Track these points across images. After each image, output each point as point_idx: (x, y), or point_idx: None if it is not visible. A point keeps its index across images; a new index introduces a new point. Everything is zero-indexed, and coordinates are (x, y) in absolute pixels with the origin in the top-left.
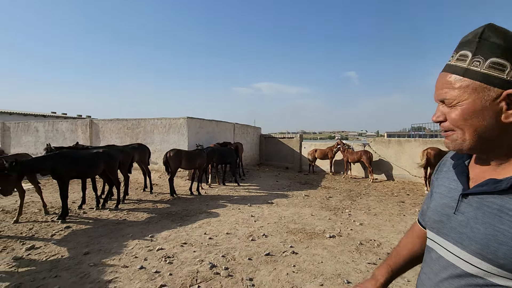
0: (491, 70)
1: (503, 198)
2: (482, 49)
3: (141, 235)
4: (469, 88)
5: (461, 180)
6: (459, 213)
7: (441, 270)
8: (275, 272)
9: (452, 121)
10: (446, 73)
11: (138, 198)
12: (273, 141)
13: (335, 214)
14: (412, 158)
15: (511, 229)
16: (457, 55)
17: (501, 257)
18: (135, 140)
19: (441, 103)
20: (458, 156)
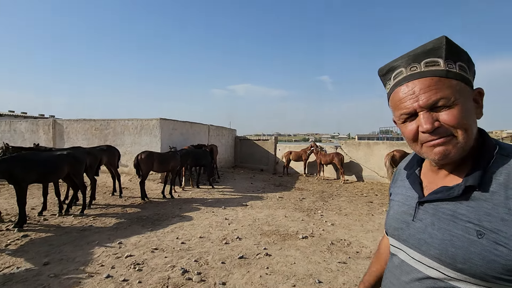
0: (462, 71)
1: (456, 204)
2: (449, 54)
3: (109, 242)
4: (457, 88)
5: (416, 189)
6: (417, 220)
7: (403, 274)
8: (248, 275)
9: (453, 121)
10: (421, 79)
11: (106, 203)
12: (248, 143)
13: (308, 215)
14: (380, 160)
15: (465, 233)
16: (422, 63)
17: (459, 261)
18: (103, 141)
19: (427, 110)
20: (409, 166)
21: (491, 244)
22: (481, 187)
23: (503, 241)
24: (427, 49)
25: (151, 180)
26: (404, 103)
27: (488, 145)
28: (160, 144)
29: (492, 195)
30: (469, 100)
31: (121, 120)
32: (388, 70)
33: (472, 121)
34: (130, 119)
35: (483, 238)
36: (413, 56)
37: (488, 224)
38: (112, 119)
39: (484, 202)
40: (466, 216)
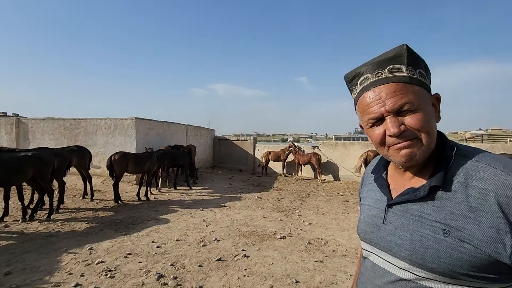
0: (421, 78)
1: (422, 204)
2: (410, 62)
3: (78, 248)
4: (419, 93)
5: (384, 192)
6: (387, 222)
7: (376, 278)
8: (226, 278)
9: (417, 125)
10: (387, 84)
11: (76, 207)
12: (227, 143)
13: (286, 215)
14: (356, 160)
15: (432, 233)
16: (386, 69)
17: (428, 261)
18: (73, 142)
19: (393, 115)
20: (376, 170)
21: (456, 242)
22: (444, 187)
23: (467, 238)
24: (390, 56)
25: (125, 182)
26: (372, 107)
27: (447, 147)
28: (135, 144)
29: (454, 194)
30: (429, 105)
31: (93, 119)
32: (354, 76)
33: (433, 124)
34: (102, 118)
35: (449, 236)
36: (377, 63)
37: (453, 222)
38: (83, 118)
39: (447, 201)
40: (432, 215)
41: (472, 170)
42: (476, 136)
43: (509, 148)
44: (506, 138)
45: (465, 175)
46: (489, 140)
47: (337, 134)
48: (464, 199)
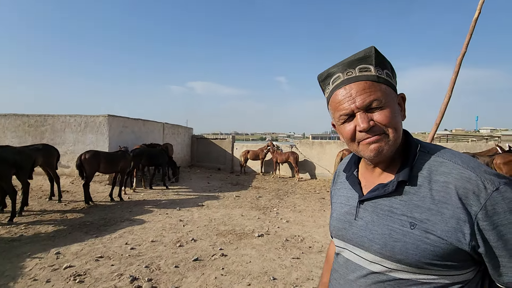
0: (388, 78)
1: (391, 199)
2: (378, 62)
3: (44, 253)
4: (386, 91)
5: (356, 189)
6: (359, 218)
7: (348, 273)
8: (203, 278)
9: (384, 121)
10: (357, 82)
11: (42, 209)
12: (205, 142)
13: (264, 213)
14: (332, 158)
15: (400, 226)
16: (356, 69)
17: (397, 253)
18: (39, 140)
19: (363, 111)
20: (347, 168)
21: (422, 234)
22: (410, 181)
23: (431, 229)
24: (360, 57)
25: (97, 182)
26: (343, 104)
27: (412, 144)
28: (108, 143)
29: (419, 188)
30: (395, 103)
31: (61, 116)
32: (327, 76)
33: (399, 121)
34: (72, 115)
35: (415, 228)
36: (348, 63)
37: (418, 215)
38: (50, 115)
39: (413, 195)
40: (400, 209)
41: (435, 165)
42: (442, 136)
43: (470, 147)
44: (468, 138)
45: (428, 170)
46: (453, 139)
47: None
48: (428, 193)
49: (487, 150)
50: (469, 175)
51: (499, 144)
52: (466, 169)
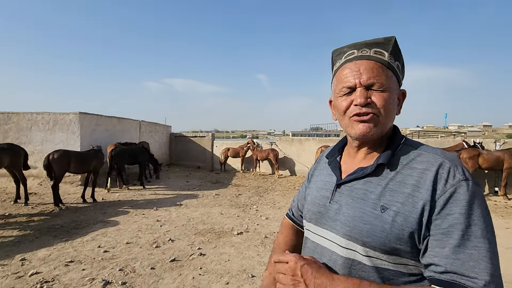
0: (397, 69)
1: (367, 183)
2: (393, 52)
3: (7, 259)
4: (392, 79)
5: (336, 173)
6: (334, 202)
7: (319, 258)
8: (180, 278)
9: (381, 103)
10: (370, 61)
11: (6, 213)
12: (184, 140)
13: (244, 211)
14: (311, 155)
15: (372, 209)
16: (371, 50)
17: (365, 235)
18: (2, 139)
19: (364, 88)
20: (331, 154)
21: (391, 217)
22: (389, 166)
23: (401, 212)
24: (379, 41)
25: (68, 182)
26: (348, 77)
27: (398, 136)
28: (80, 142)
29: (397, 173)
30: (396, 94)
31: (27, 113)
32: (341, 52)
33: (394, 110)
34: (39, 113)
35: (385, 211)
36: (365, 44)
37: (391, 198)
38: (14, 112)
39: (390, 180)
40: (375, 193)
41: (415, 155)
42: (414, 132)
43: (439, 143)
44: (438, 134)
45: (408, 159)
46: (424, 136)
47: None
48: (404, 178)
49: (454, 145)
50: (444, 162)
51: (465, 139)
52: (441, 157)
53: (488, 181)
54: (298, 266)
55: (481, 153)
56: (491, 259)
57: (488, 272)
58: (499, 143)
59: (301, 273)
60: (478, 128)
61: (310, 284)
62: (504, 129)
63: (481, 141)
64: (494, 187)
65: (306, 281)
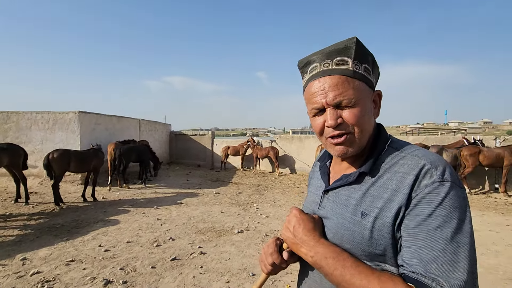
0: (366, 73)
1: (350, 189)
2: (357, 55)
3: (8, 259)
4: (360, 88)
5: (324, 179)
6: (321, 207)
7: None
8: (181, 277)
9: (352, 119)
10: (332, 76)
11: (7, 212)
12: (184, 138)
13: (244, 209)
14: (311, 153)
15: (352, 215)
16: (334, 61)
17: (345, 241)
18: (2, 139)
19: (333, 107)
20: (322, 158)
21: (370, 223)
22: (370, 173)
23: (379, 217)
24: (340, 48)
25: (68, 182)
26: (315, 98)
27: (382, 139)
28: (80, 141)
29: (378, 179)
30: (368, 101)
31: (27, 113)
32: (306, 64)
33: (367, 120)
34: (39, 112)
35: (365, 218)
36: (327, 53)
37: (371, 204)
38: (14, 112)
39: (371, 186)
40: (356, 199)
41: (397, 159)
42: (414, 130)
43: (439, 140)
44: (438, 131)
45: (390, 163)
46: (424, 133)
47: (294, 128)
48: (385, 182)
49: (455, 142)
50: (423, 164)
51: (466, 136)
52: (423, 159)
53: (488, 178)
54: (294, 218)
55: (482, 150)
56: (461, 262)
57: (456, 277)
58: (499, 140)
59: (294, 224)
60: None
61: (297, 236)
62: (505, 126)
63: (482, 138)
64: (494, 184)
65: (295, 233)
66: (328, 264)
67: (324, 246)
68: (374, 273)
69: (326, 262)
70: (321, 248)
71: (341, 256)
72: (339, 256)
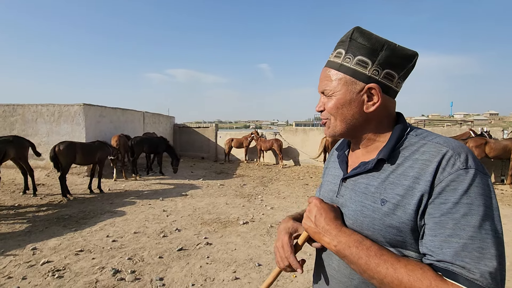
0: (358, 67)
1: (369, 177)
2: (351, 48)
3: (19, 249)
4: (342, 81)
5: (342, 167)
6: (340, 196)
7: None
8: (188, 267)
9: (328, 109)
10: (326, 68)
11: (16, 203)
12: (188, 131)
13: (249, 201)
14: (315, 145)
15: (372, 203)
16: (335, 52)
17: (365, 228)
18: (9, 131)
19: (322, 94)
20: (340, 147)
21: (390, 210)
22: (389, 160)
23: (401, 204)
24: (341, 39)
25: (75, 173)
26: None
27: (402, 127)
28: (85, 133)
29: (397, 166)
30: (351, 94)
31: (32, 105)
32: None
33: (345, 112)
34: (44, 105)
35: (385, 205)
36: (337, 44)
37: (391, 191)
38: (19, 105)
39: (390, 173)
40: (375, 186)
41: (418, 146)
42: (420, 121)
43: (445, 132)
44: (443, 123)
45: (410, 150)
46: (429, 124)
47: (297, 121)
48: (406, 170)
49: (461, 134)
50: (446, 151)
51: (472, 128)
52: (445, 146)
53: (494, 170)
54: (315, 208)
55: (488, 141)
56: (490, 249)
57: (486, 264)
58: (507, 132)
59: (315, 214)
60: (484, 116)
61: (319, 226)
62: (511, 117)
63: (488, 130)
64: (500, 176)
65: (316, 222)
66: (352, 253)
67: (346, 235)
68: (400, 260)
69: (350, 251)
70: (344, 237)
71: (364, 244)
72: (362, 245)
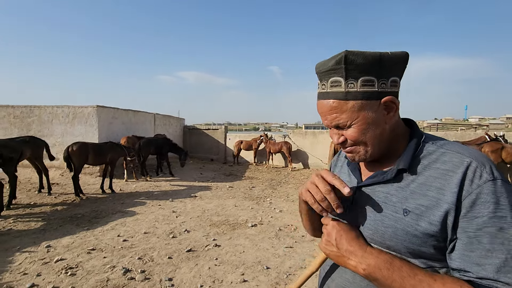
0: (365, 88)
1: (388, 186)
2: (350, 72)
3: (34, 246)
4: (355, 108)
5: (356, 175)
6: (355, 204)
7: None
8: (197, 268)
9: (353, 139)
10: (327, 100)
11: (31, 202)
12: (198, 132)
13: (258, 204)
14: (325, 148)
15: (393, 212)
16: (328, 83)
17: (387, 238)
18: (26, 132)
19: (334, 127)
20: None
21: (414, 220)
22: (409, 169)
23: (424, 215)
24: (332, 67)
25: (87, 174)
26: (321, 117)
27: (416, 134)
28: (98, 134)
29: (418, 175)
30: (371, 114)
31: (48, 107)
32: (316, 73)
33: (371, 134)
34: (59, 106)
35: (408, 215)
36: (324, 74)
37: (413, 201)
38: (36, 106)
39: (411, 182)
40: (396, 196)
41: (437, 155)
42: (432, 125)
43: (459, 136)
44: (457, 127)
45: (430, 159)
46: (443, 128)
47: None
48: (427, 180)
49: (476, 139)
50: (470, 161)
51: (488, 132)
52: (467, 156)
53: (510, 176)
54: (334, 230)
55: (505, 146)
56: None
57: None
58: None
59: (335, 237)
60: (500, 120)
61: (341, 248)
62: None
63: (503, 134)
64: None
65: (338, 245)
66: (384, 277)
67: (374, 256)
68: (437, 280)
69: (382, 274)
70: (372, 259)
71: (395, 265)
72: (393, 266)
